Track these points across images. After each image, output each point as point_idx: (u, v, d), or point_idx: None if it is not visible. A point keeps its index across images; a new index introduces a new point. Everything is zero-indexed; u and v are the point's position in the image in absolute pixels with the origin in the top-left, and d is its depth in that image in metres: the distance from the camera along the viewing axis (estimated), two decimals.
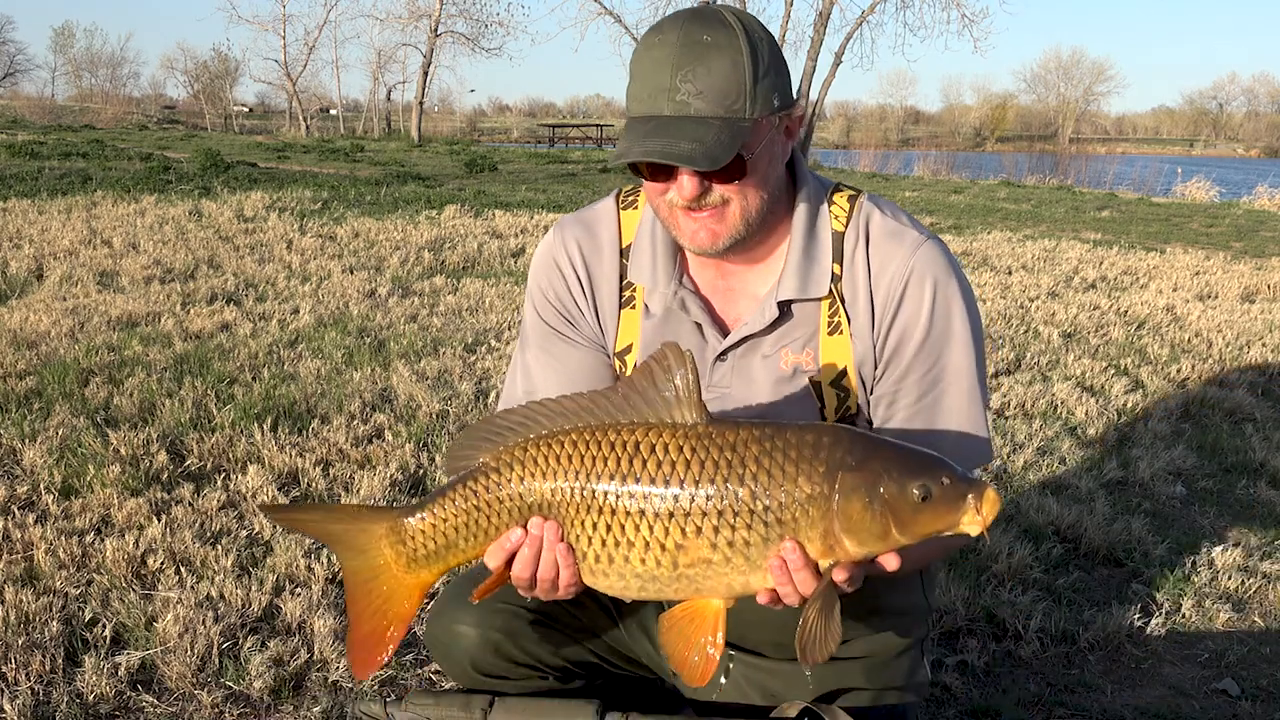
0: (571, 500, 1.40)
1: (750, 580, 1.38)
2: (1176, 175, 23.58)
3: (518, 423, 1.44)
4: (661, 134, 1.49)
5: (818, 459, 1.35)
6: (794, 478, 1.34)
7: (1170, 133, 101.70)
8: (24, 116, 53.37)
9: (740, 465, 1.35)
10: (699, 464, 1.36)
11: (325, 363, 5.09)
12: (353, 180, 15.67)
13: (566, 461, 1.40)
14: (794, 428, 1.39)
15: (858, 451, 1.36)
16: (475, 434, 1.47)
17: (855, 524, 1.33)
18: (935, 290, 1.64)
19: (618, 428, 1.40)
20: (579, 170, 22.12)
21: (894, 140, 75.28)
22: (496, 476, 1.43)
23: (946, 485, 1.33)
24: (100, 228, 9.39)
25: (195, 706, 2.36)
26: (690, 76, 1.49)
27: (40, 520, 3.21)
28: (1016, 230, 12.48)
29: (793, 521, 1.34)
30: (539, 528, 1.41)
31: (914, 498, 1.33)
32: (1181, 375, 5.45)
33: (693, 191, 1.53)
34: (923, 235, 1.67)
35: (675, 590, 1.40)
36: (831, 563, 1.36)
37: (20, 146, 20.06)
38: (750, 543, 1.35)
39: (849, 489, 1.33)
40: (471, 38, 46.03)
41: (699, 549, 1.36)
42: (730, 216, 1.58)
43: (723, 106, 1.50)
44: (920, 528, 1.34)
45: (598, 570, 1.42)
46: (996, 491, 1.35)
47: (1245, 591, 3.11)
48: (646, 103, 1.53)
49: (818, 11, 32.81)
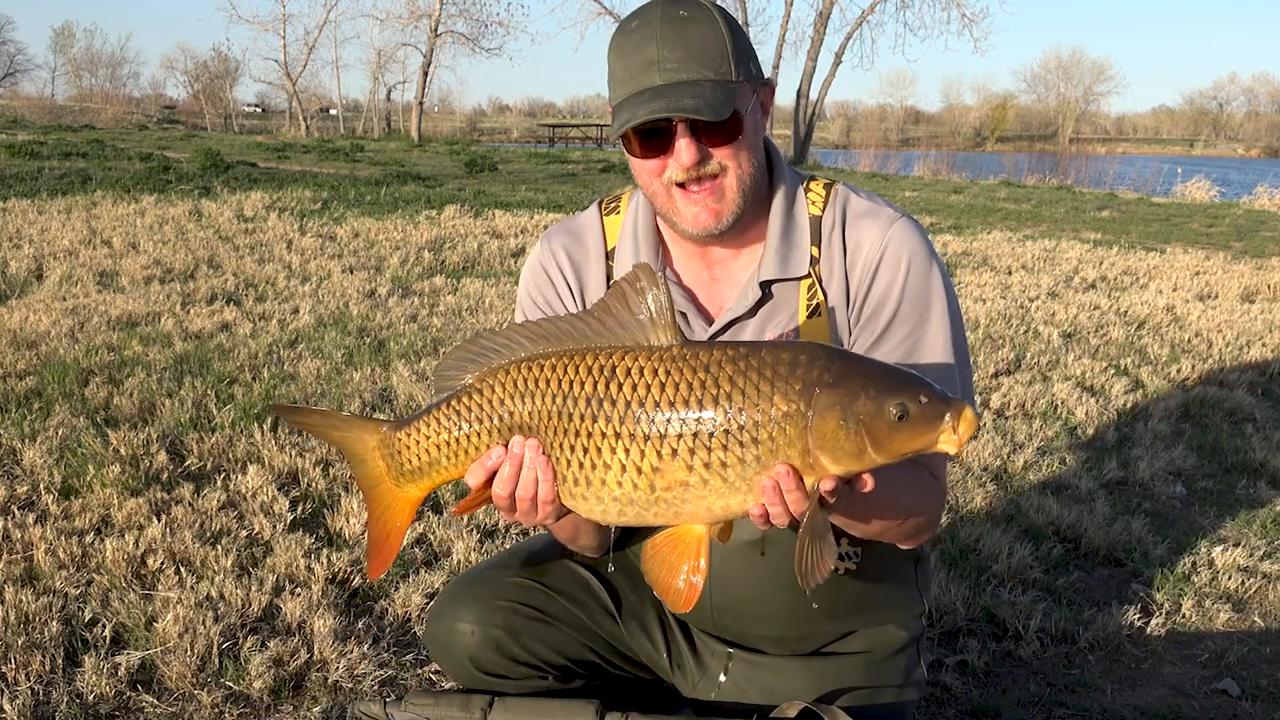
0: (550, 423, 1.41)
1: (730, 503, 1.36)
2: (1176, 175, 23.55)
3: (501, 344, 1.45)
4: (659, 98, 1.53)
5: (794, 376, 1.33)
6: (769, 396, 1.32)
7: (1170, 133, 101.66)
8: (24, 116, 53.35)
9: (715, 386, 1.34)
10: (673, 386, 1.35)
11: (325, 363, 5.09)
12: (353, 180, 15.67)
13: (545, 385, 1.41)
14: (769, 346, 1.39)
15: (835, 369, 1.34)
16: (461, 355, 1.48)
17: (830, 442, 1.32)
18: (910, 262, 1.67)
19: (595, 351, 1.40)
20: (579, 170, 22.11)
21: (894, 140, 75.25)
22: (479, 397, 1.45)
23: (924, 404, 1.31)
24: (100, 228, 9.40)
25: (195, 706, 2.36)
26: (675, 46, 1.54)
27: (40, 520, 3.21)
28: (1016, 230, 12.48)
29: (769, 441, 1.32)
30: (520, 446, 1.42)
31: (891, 416, 1.31)
32: (1181, 375, 5.45)
33: (692, 157, 1.56)
34: (897, 213, 1.71)
35: (655, 514, 1.39)
36: (815, 480, 1.35)
37: (20, 146, 20.05)
38: (727, 464, 1.34)
39: (824, 406, 1.31)
40: (471, 38, 46.07)
41: (675, 471, 1.35)
42: (728, 190, 1.61)
43: (710, 69, 1.55)
44: (897, 446, 1.32)
45: (576, 494, 1.41)
46: (974, 411, 1.34)
47: (1245, 591, 3.11)
48: (634, 80, 1.57)
49: (818, 11, 32.87)
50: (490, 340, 1.46)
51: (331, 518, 3.31)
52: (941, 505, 1.75)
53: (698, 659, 1.89)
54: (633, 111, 1.54)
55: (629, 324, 1.40)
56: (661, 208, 1.66)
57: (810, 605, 1.75)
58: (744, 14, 32.54)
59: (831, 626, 1.81)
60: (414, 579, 2.91)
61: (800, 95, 32.80)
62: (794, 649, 1.82)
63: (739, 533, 1.71)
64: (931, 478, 1.70)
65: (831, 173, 25.80)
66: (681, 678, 1.90)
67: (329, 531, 3.25)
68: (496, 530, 3.31)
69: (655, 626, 1.90)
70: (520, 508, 1.45)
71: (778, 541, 1.71)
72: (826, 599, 1.76)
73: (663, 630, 1.91)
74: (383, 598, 2.85)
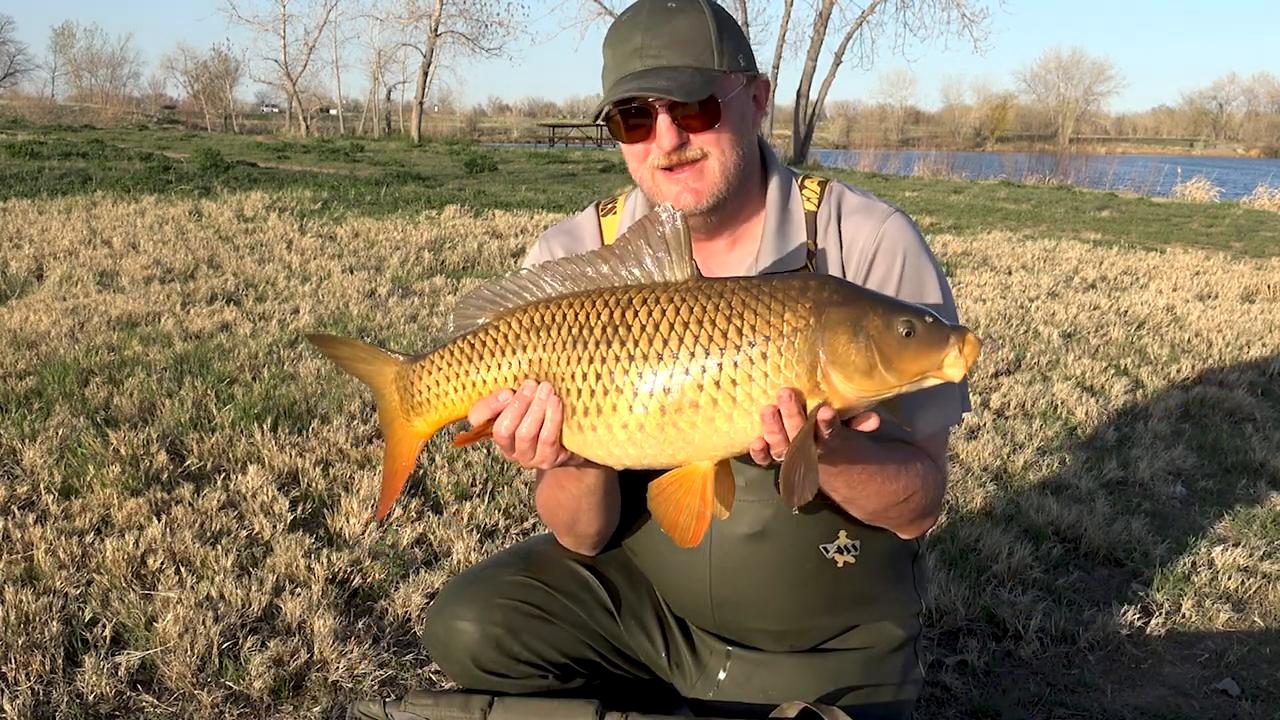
0: (563, 354, 1.42)
1: (735, 429, 1.37)
2: (1176, 175, 23.54)
3: (521, 285, 1.47)
4: (635, 80, 1.58)
5: (804, 297, 1.37)
6: (780, 313, 1.36)
7: (1170, 133, 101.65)
8: (24, 116, 53.34)
9: (727, 308, 1.37)
10: (688, 310, 1.38)
11: (325, 363, 5.08)
12: (353, 180, 15.68)
13: (560, 319, 1.43)
14: (780, 276, 1.43)
15: (843, 291, 1.39)
16: (480, 296, 1.50)
17: (841, 356, 1.34)
18: (905, 255, 1.71)
19: (612, 289, 1.43)
20: (579, 170, 22.11)
21: (894, 140, 75.23)
22: (495, 333, 1.46)
23: (930, 324, 1.36)
24: (100, 228, 9.40)
25: (195, 706, 2.36)
26: (657, 35, 1.59)
27: (40, 520, 3.21)
28: (1016, 230, 12.48)
29: (778, 356, 1.35)
30: (530, 390, 1.43)
31: (899, 332, 1.34)
32: (1181, 375, 5.45)
33: (672, 141, 1.60)
34: (891, 208, 1.75)
35: (663, 442, 1.39)
36: (818, 403, 1.36)
37: (20, 146, 20.06)
38: (737, 381, 1.35)
39: (835, 321, 1.35)
40: (471, 38, 46.04)
41: (687, 392, 1.36)
42: (710, 174, 1.64)
43: (691, 57, 1.59)
44: (905, 364, 1.35)
45: (585, 426, 1.42)
46: (977, 337, 1.37)
47: (1245, 591, 3.11)
48: (619, 67, 1.61)
49: (818, 11, 32.87)
50: (512, 281, 1.48)
51: (331, 518, 3.31)
52: (941, 490, 1.76)
53: (696, 658, 1.89)
54: (612, 95, 1.59)
55: (646, 260, 1.42)
56: (650, 193, 1.71)
57: (809, 597, 1.75)
58: (744, 14, 32.52)
59: (830, 621, 1.82)
60: (414, 579, 2.91)
61: (800, 95, 32.79)
62: (793, 645, 1.82)
63: (738, 525, 1.72)
64: (930, 460, 1.72)
65: (831, 173, 25.79)
66: (680, 676, 1.90)
67: (329, 531, 3.25)
68: (496, 530, 3.31)
69: (654, 625, 1.91)
70: (519, 447, 1.46)
71: (777, 533, 1.72)
72: (826, 592, 1.77)
73: (661, 629, 1.91)
74: (383, 598, 2.85)
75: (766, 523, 1.72)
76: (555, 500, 1.79)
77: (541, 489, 1.83)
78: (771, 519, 1.72)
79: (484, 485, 3.63)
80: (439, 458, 3.82)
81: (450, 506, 3.45)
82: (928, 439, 1.72)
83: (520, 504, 3.48)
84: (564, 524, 1.84)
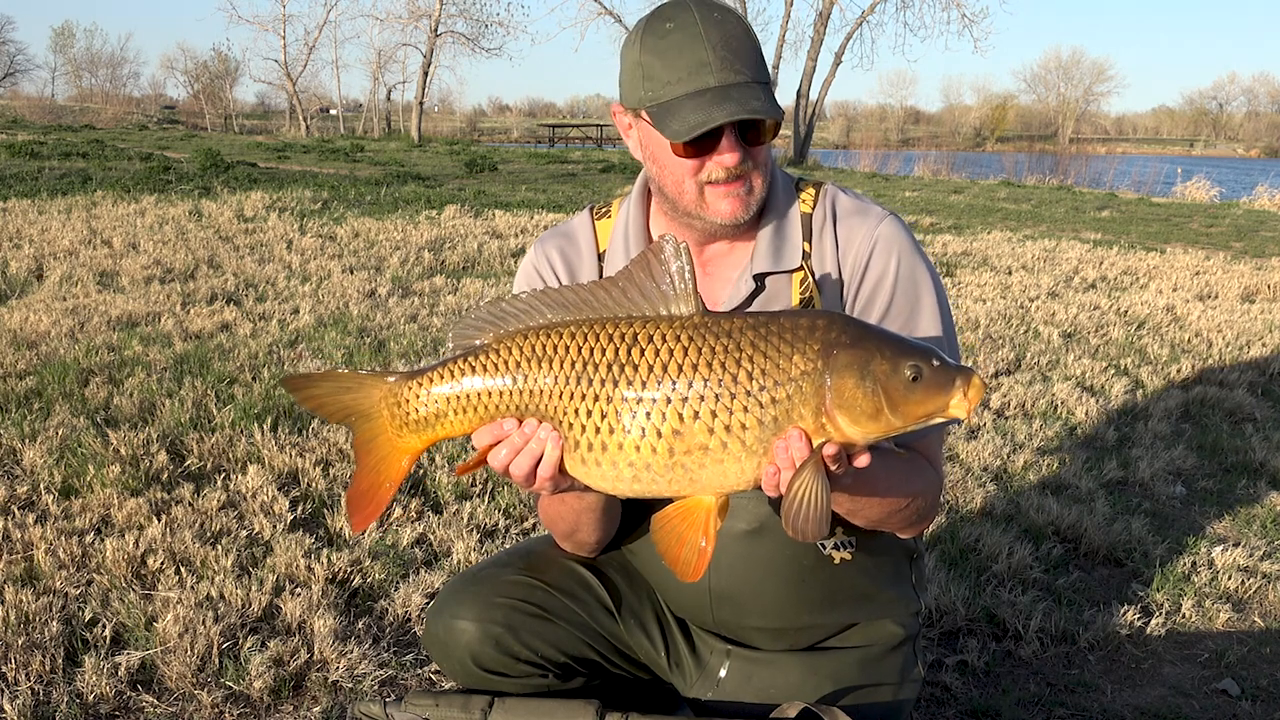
0: (567, 388, 1.41)
1: (744, 468, 1.38)
2: (1176, 175, 23.55)
3: (522, 309, 1.46)
4: (726, 100, 1.58)
5: (812, 338, 1.37)
6: (788, 355, 1.36)
7: (1170, 133, 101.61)
8: (24, 116, 53.32)
9: (736, 349, 1.37)
10: (695, 350, 1.37)
11: (325, 363, 5.09)
12: (353, 180, 15.67)
13: (564, 350, 1.41)
14: (788, 314, 1.43)
15: (851, 332, 1.39)
16: (480, 315, 1.48)
17: (848, 400, 1.35)
18: (900, 255, 1.73)
19: (615, 320, 1.42)
20: (579, 170, 22.11)
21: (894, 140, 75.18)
22: (495, 358, 1.45)
23: (937, 367, 1.36)
24: (100, 228, 9.40)
25: (195, 706, 2.36)
26: (724, 49, 1.59)
27: (40, 520, 3.22)
28: (1016, 230, 12.48)
29: (786, 400, 1.35)
30: (531, 428, 1.43)
31: (905, 377, 1.35)
32: (1181, 375, 5.45)
33: (737, 158, 1.62)
34: (885, 211, 1.77)
35: (669, 481, 1.39)
36: (823, 441, 1.36)
37: (20, 146, 20.06)
38: (746, 425, 1.36)
39: (842, 365, 1.36)
40: (471, 38, 46.03)
41: (696, 435, 1.36)
42: (756, 185, 1.68)
43: (750, 70, 1.61)
44: (911, 407, 1.36)
45: (590, 460, 1.41)
46: (982, 379, 1.38)
47: (1245, 591, 3.11)
48: (684, 81, 1.60)
49: (818, 11, 32.84)
50: (511, 304, 1.46)
51: (331, 518, 3.31)
52: (939, 493, 1.77)
53: (696, 657, 1.89)
54: (707, 114, 1.57)
55: (651, 293, 1.41)
56: (687, 205, 1.69)
57: (807, 593, 1.76)
58: (744, 14, 32.49)
59: (828, 618, 1.82)
60: (414, 579, 2.91)
61: (800, 95, 32.78)
62: (792, 643, 1.83)
63: (737, 521, 1.73)
64: (928, 464, 1.73)
65: (831, 173, 25.81)
66: (680, 676, 1.90)
67: (329, 531, 3.25)
68: (496, 530, 3.31)
69: (654, 625, 1.91)
70: (515, 476, 1.46)
71: (775, 529, 1.72)
72: (824, 589, 1.78)
73: (661, 629, 1.91)
74: (383, 598, 2.85)
75: (764, 519, 1.73)
76: (556, 512, 1.81)
77: (543, 499, 1.83)
78: (769, 515, 1.72)
79: (484, 485, 3.63)
80: (439, 458, 3.83)
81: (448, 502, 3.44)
82: (924, 442, 1.73)
83: (520, 504, 3.48)
84: (564, 532, 1.86)
